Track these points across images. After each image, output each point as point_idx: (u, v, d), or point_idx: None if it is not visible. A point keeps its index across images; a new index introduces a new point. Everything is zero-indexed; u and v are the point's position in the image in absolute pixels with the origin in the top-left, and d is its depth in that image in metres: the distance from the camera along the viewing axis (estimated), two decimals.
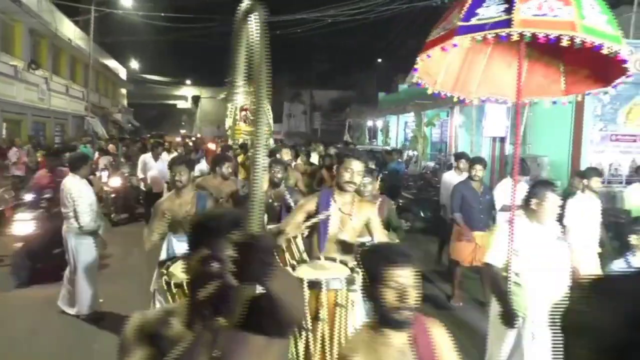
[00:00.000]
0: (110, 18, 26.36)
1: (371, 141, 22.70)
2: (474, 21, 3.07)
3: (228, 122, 15.17)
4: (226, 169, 5.80)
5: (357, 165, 3.40)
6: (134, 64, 41.91)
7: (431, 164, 15.14)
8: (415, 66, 3.59)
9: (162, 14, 25.35)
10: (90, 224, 5.27)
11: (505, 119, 12.69)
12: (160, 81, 47.99)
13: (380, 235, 3.58)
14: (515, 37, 3.01)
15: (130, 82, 40.57)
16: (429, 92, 4.05)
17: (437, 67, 3.96)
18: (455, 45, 3.18)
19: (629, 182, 9.38)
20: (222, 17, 22.35)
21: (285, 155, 7.33)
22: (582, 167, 9.14)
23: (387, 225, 4.79)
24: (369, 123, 24.09)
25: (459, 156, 7.68)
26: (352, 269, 3.31)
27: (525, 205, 3.49)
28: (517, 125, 3.64)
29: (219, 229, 1.43)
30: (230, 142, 14.63)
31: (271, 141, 16.06)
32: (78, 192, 5.21)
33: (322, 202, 3.52)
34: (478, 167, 6.13)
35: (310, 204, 3.57)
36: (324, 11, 18.93)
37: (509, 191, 5.87)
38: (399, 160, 13.04)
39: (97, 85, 29.77)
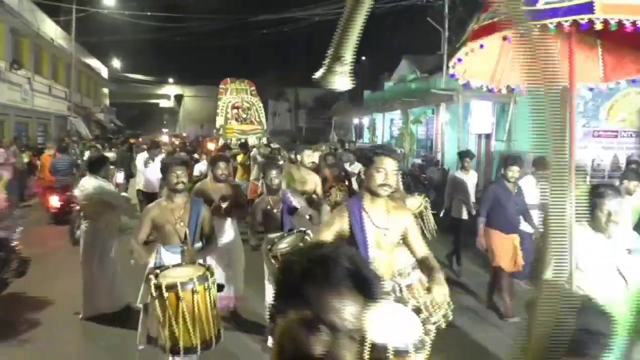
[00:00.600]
0: (91, 17, 26.12)
1: (357, 139, 22.86)
2: (541, 5, 2.58)
3: (219, 121, 14.82)
4: (222, 170, 5.22)
5: (390, 164, 2.78)
6: (116, 63, 41.46)
7: (418, 160, 15.36)
8: (459, 56, 3.20)
9: (144, 13, 25.20)
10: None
11: (490, 116, 12.96)
12: (142, 80, 47.52)
13: (422, 249, 2.93)
14: (598, 26, 2.49)
15: (112, 81, 40.16)
16: (460, 82, 3.68)
17: (469, 63, 3.49)
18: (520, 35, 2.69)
19: (610, 177, 9.70)
20: (205, 16, 22.28)
21: (307, 157, 6.51)
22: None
23: None
24: (355, 121, 24.26)
25: (464, 154, 7.44)
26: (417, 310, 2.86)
27: (590, 212, 3.03)
28: (571, 116, 2.90)
29: (335, 278, 0.99)
30: (224, 141, 14.45)
31: (264, 140, 15.76)
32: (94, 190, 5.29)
33: (353, 216, 2.82)
34: (515, 168, 5.61)
35: (340, 222, 2.84)
36: (309, 10, 19.03)
37: (532, 190, 5.82)
38: None
39: (79, 85, 29.43)
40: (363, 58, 38.47)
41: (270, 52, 36.93)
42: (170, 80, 51.38)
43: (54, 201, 9.34)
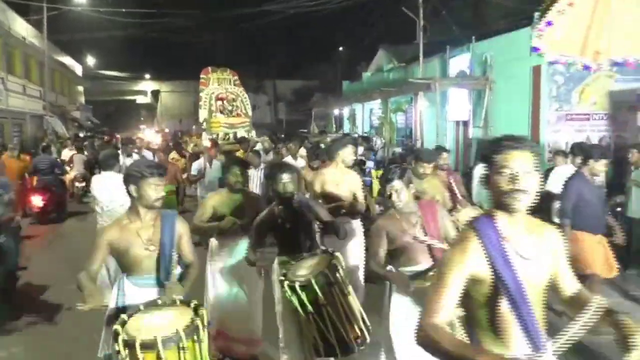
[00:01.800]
0: (64, 14, 25.73)
1: (338, 130, 23.04)
2: None
3: (202, 114, 13.67)
4: (237, 177, 4.29)
5: (522, 160, 1.86)
6: (90, 60, 40.87)
7: (398, 149, 15.61)
8: (549, 19, 2.75)
9: (117, 9, 24.90)
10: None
11: (467, 103, 13.25)
12: (118, 77, 46.92)
13: (574, 282, 2.07)
14: None
15: (87, 78, 39.59)
16: (547, 59, 3.11)
17: (560, 28, 3.04)
18: None
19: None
20: (181, 12, 22.11)
21: (349, 155, 5.03)
22: (541, 147, 9.78)
23: None
24: (335, 112, 24.42)
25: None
26: None
27: None
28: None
29: None
30: (209, 136, 13.16)
31: (253, 133, 14.59)
32: (106, 188, 5.36)
33: (491, 246, 1.88)
34: (604, 161, 4.89)
35: (469, 256, 1.88)
36: (285, 3, 19.07)
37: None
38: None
39: (53, 84, 28.98)
40: (340, 49, 38.64)
41: (247, 45, 36.80)
42: (147, 76, 50.80)
43: (37, 201, 9.31)
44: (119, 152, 9.02)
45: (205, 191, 7.64)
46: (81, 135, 23.45)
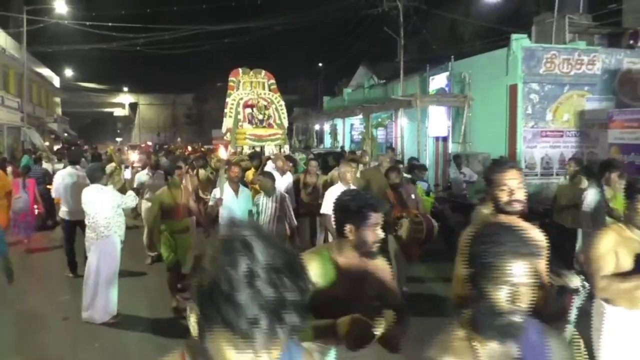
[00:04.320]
0: (43, 26, 25.52)
1: (319, 144, 23.33)
2: None
3: (226, 123, 10.97)
4: None
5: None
6: (69, 72, 40.52)
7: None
8: None
9: (97, 23, 24.84)
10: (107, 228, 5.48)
11: (446, 120, 13.70)
12: (96, 89, 46.57)
13: None
14: None
15: (64, 90, 39.22)
16: None
17: None
18: None
19: (558, 174, 10.49)
20: (161, 26, 22.25)
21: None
22: (518, 162, 10.19)
23: None
24: (316, 127, 24.74)
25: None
26: None
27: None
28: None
29: None
30: (233, 149, 10.73)
31: (286, 148, 11.30)
32: (92, 201, 5.45)
33: None
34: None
35: None
36: (265, 20, 19.40)
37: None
38: None
39: (31, 95, 28.66)
40: (320, 65, 39.15)
41: (226, 60, 36.97)
42: (125, 88, 50.54)
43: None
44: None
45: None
46: (56, 147, 23.26)
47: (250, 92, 11.49)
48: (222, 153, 11.26)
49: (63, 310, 5.78)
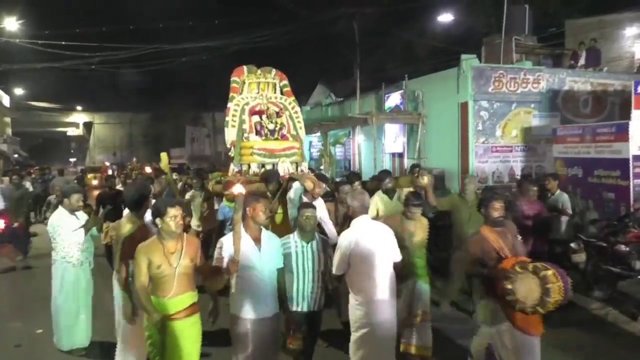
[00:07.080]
0: None
1: None
2: None
3: (229, 135, 8.00)
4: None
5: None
6: (19, 91, 39.22)
7: (337, 179, 16.09)
8: None
9: (49, 42, 24.27)
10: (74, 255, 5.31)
11: (402, 137, 14.01)
12: (48, 108, 45.13)
13: None
14: None
15: (15, 109, 37.90)
16: None
17: None
18: None
19: (509, 187, 10.88)
20: (115, 45, 21.95)
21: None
22: (472, 176, 10.48)
23: None
24: None
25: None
26: None
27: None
28: None
29: None
30: (236, 168, 7.95)
31: (305, 165, 8.00)
32: (58, 225, 5.31)
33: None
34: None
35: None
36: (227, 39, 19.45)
37: None
38: None
39: None
40: None
41: (185, 77, 36.60)
42: (79, 107, 49.21)
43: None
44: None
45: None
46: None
47: (258, 95, 8.69)
48: (239, 189, 4.65)
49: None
